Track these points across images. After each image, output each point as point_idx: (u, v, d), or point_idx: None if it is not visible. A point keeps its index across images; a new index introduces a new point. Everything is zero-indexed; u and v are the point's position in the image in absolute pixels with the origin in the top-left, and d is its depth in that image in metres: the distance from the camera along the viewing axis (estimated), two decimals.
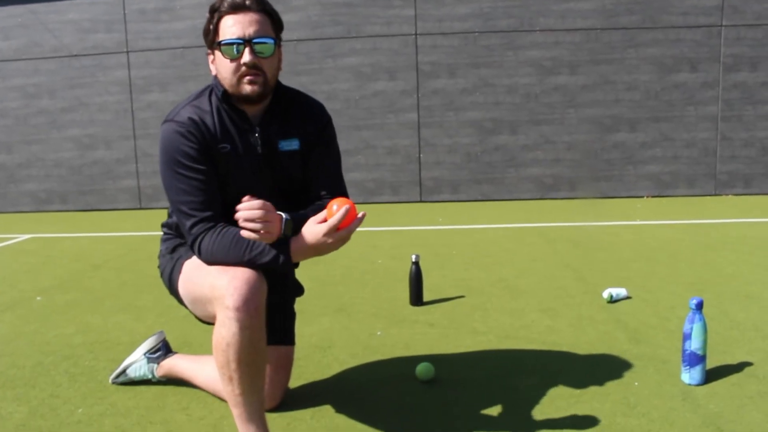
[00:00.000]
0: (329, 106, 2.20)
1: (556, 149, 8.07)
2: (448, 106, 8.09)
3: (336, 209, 1.78)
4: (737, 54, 7.76)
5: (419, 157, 8.19)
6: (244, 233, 1.78)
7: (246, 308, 1.74)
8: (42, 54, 8.42)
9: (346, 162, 8.04)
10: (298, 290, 2.41)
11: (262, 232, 1.77)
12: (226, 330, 1.74)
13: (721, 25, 7.72)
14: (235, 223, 1.82)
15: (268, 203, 1.79)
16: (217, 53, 1.92)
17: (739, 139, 7.90)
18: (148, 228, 6.80)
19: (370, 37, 8.04)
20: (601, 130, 8.00)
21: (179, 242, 2.15)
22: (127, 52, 8.32)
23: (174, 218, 2.14)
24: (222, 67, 1.92)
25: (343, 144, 7.99)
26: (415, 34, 8.00)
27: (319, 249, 1.82)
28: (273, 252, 1.82)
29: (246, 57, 1.87)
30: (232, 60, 1.88)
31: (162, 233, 2.24)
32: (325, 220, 1.80)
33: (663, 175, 8.01)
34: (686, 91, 7.85)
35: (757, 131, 7.87)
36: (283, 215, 1.84)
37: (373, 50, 8.06)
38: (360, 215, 1.81)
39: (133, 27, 8.28)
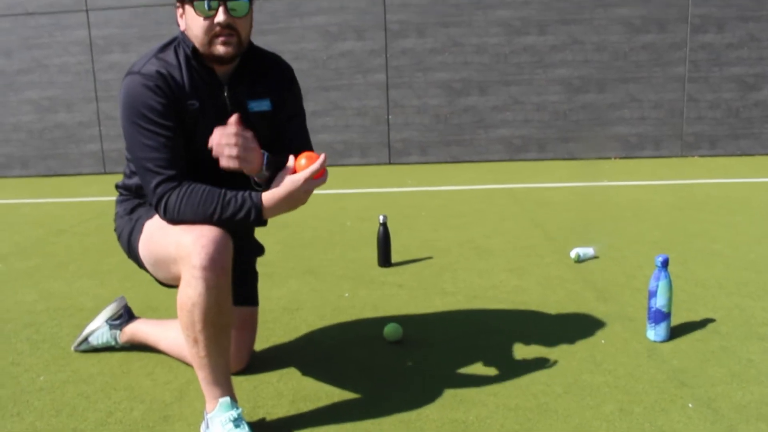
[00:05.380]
0: (296, 66, 2.17)
1: (525, 110, 8.05)
2: (416, 67, 8.00)
3: (305, 163, 1.79)
4: (705, 15, 7.76)
5: (388, 118, 8.11)
6: (222, 162, 1.74)
7: (213, 267, 1.70)
8: None
9: (314, 123, 7.94)
10: (259, 250, 2.37)
11: (238, 155, 1.73)
12: (192, 290, 1.70)
13: None
14: (200, 181, 1.80)
15: (248, 131, 1.76)
16: (188, 9, 1.83)
17: (705, 101, 7.96)
18: (113, 192, 6.66)
19: None
20: (569, 90, 7.99)
21: (138, 203, 2.08)
22: (87, 10, 8.03)
23: (132, 179, 2.07)
24: (194, 25, 1.83)
25: (311, 105, 7.91)
26: None
27: (294, 199, 1.79)
28: (245, 207, 1.78)
29: (220, 16, 1.79)
30: (205, 18, 1.80)
31: (118, 194, 2.17)
32: (294, 172, 1.80)
33: (630, 137, 8.05)
34: (654, 51, 7.86)
35: (723, 93, 7.93)
36: (264, 152, 1.82)
37: (341, 9, 7.90)
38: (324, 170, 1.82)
39: None
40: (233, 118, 1.76)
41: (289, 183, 1.79)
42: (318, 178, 1.80)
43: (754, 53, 7.79)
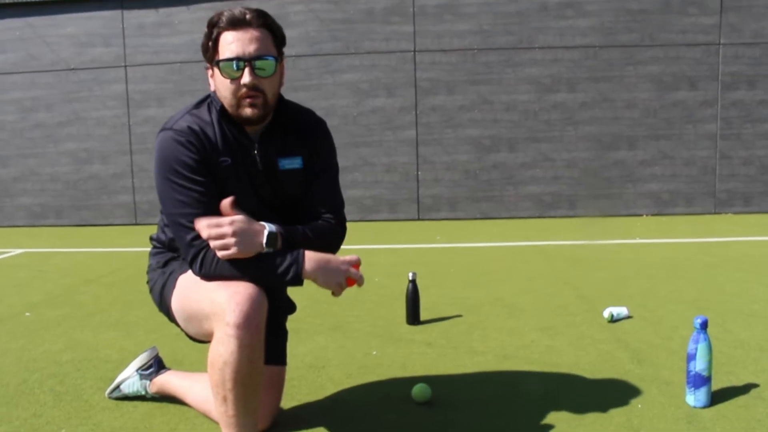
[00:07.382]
0: (327, 122, 2.13)
1: (555, 167, 8.03)
2: (446, 123, 8.06)
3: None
4: (735, 72, 7.75)
5: (417, 174, 8.14)
6: (219, 254, 1.72)
7: (247, 325, 1.67)
8: (39, 67, 8.39)
9: (343, 179, 7.98)
10: (291, 308, 2.34)
11: (235, 250, 1.71)
12: (224, 348, 1.67)
13: (720, 44, 7.72)
14: None
15: (239, 216, 1.74)
16: (216, 70, 1.85)
17: (738, 158, 7.87)
18: (143, 244, 6.72)
19: (369, 54, 8.02)
20: (600, 147, 7.97)
21: (171, 256, 2.07)
22: (125, 66, 8.30)
23: (165, 233, 2.07)
24: (221, 86, 1.85)
25: (341, 161, 7.92)
26: (414, 51, 7.98)
27: (332, 270, 1.81)
28: (285, 263, 1.76)
29: (246, 77, 1.80)
30: (232, 80, 1.81)
31: (151, 247, 2.16)
32: None
33: (662, 194, 7.97)
34: (685, 109, 7.83)
35: (756, 149, 7.85)
36: (266, 226, 1.77)
37: (372, 66, 8.04)
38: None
39: (131, 41, 8.26)
40: (225, 202, 1.76)
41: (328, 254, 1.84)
42: (356, 267, 1.85)
43: None
